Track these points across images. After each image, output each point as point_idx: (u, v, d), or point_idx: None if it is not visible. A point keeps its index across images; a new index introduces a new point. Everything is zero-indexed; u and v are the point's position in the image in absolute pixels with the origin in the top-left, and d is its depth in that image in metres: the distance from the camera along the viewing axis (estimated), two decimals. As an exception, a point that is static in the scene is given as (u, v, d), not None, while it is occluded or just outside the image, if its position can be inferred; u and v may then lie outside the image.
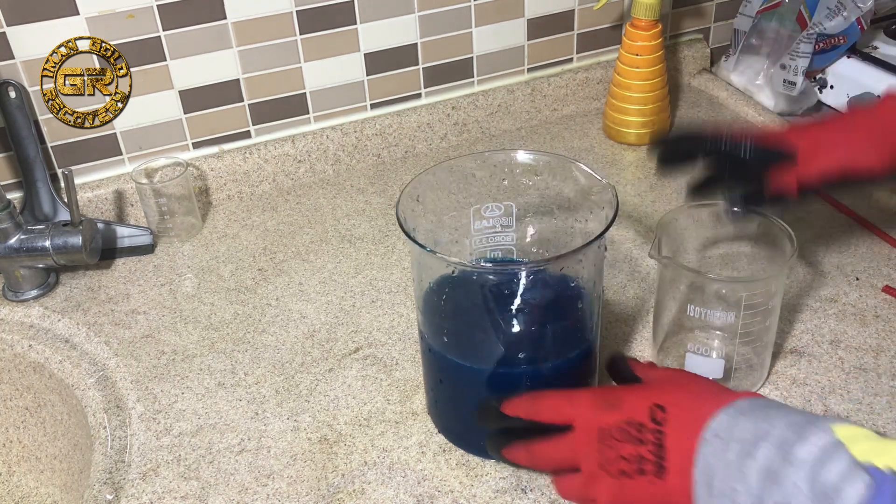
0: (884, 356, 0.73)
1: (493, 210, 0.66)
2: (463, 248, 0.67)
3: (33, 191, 0.91)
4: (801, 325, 0.77)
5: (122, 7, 0.89)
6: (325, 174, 1.04)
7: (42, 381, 0.81)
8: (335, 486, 0.65)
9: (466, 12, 1.04)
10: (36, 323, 0.84)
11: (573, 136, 1.10)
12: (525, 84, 1.11)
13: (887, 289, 0.80)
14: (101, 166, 0.96)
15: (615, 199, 0.60)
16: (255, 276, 0.88)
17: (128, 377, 0.76)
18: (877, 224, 0.88)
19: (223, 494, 0.65)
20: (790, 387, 0.71)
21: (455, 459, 0.66)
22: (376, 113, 1.06)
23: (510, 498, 0.63)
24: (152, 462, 0.68)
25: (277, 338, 0.80)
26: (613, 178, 1.01)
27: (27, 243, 0.83)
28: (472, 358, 0.63)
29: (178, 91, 0.95)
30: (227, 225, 0.97)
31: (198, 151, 1.00)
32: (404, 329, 0.80)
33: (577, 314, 0.63)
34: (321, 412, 0.71)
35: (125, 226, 0.92)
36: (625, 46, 1.04)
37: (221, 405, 0.73)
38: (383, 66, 1.04)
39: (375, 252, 0.91)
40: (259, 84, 0.99)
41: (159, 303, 0.85)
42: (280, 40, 0.97)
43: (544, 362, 0.62)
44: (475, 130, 1.10)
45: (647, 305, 0.81)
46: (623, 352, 0.76)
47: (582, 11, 1.10)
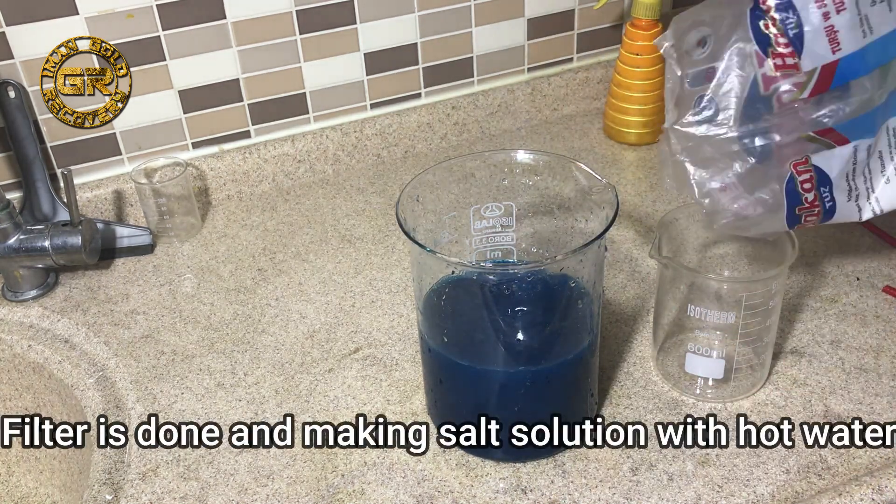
0: (884, 356, 0.73)
1: (493, 210, 0.66)
2: (463, 248, 0.67)
3: (33, 191, 0.91)
4: (802, 325, 0.77)
5: (122, 7, 0.89)
6: (325, 174, 1.04)
7: (42, 382, 0.81)
8: (335, 487, 0.65)
9: (466, 12, 1.04)
10: (35, 323, 0.84)
11: (573, 136, 1.10)
12: (525, 84, 1.11)
13: (888, 289, 0.80)
14: (101, 166, 0.96)
15: (615, 199, 0.59)
16: (254, 277, 0.88)
17: (127, 377, 0.76)
18: (877, 224, 0.88)
19: (223, 495, 0.65)
20: (790, 387, 0.71)
21: (455, 460, 0.66)
22: (376, 113, 1.06)
23: (510, 498, 0.63)
24: (152, 462, 0.68)
25: (277, 338, 0.80)
26: (613, 178, 1.00)
27: (26, 243, 0.83)
28: (472, 358, 0.62)
29: (178, 91, 0.95)
30: (227, 225, 0.97)
31: (197, 151, 1.00)
32: (404, 329, 0.80)
33: (577, 314, 0.63)
34: (321, 412, 0.71)
35: (124, 226, 0.92)
36: (625, 46, 1.04)
37: (221, 405, 0.73)
38: (383, 65, 1.04)
39: (375, 252, 0.91)
40: (259, 84, 0.99)
41: (159, 303, 0.85)
42: (280, 40, 0.97)
43: (544, 362, 0.62)
44: (475, 130, 1.10)
45: (647, 305, 0.81)
46: (623, 351, 0.76)
47: (582, 11, 1.10)
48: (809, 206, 0.63)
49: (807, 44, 0.59)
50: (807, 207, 0.63)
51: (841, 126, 0.62)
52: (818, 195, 0.63)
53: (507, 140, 1.10)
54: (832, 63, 0.60)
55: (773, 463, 0.64)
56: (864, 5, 0.59)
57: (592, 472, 0.65)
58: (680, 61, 0.64)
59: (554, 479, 0.64)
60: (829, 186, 0.62)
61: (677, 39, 0.64)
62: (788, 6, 0.59)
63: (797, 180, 0.62)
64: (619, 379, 0.73)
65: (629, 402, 0.71)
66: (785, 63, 0.60)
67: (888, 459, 0.64)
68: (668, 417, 0.69)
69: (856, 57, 0.60)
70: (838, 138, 0.62)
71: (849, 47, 0.59)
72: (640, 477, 0.64)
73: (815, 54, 0.59)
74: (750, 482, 0.63)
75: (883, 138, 0.62)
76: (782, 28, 0.59)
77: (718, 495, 0.62)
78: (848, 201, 0.63)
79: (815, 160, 0.62)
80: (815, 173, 0.62)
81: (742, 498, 0.62)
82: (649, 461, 0.65)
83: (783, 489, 0.62)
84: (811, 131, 0.62)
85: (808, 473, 0.64)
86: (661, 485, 0.63)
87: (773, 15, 0.59)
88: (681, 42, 0.64)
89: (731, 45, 0.62)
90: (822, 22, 0.59)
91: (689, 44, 0.64)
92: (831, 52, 0.59)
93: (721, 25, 0.62)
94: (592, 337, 0.64)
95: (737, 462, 0.65)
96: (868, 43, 0.60)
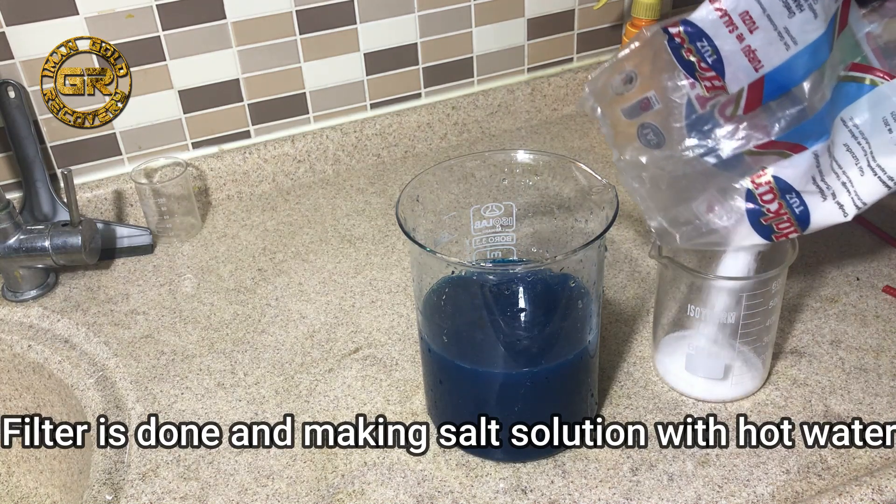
0: (884, 356, 0.73)
1: (493, 210, 0.66)
2: (463, 248, 0.67)
3: (33, 191, 0.91)
4: (802, 325, 0.77)
5: (122, 7, 0.89)
6: (325, 174, 1.04)
7: (41, 382, 0.81)
8: (335, 487, 0.65)
9: (466, 12, 1.04)
10: (35, 323, 0.84)
11: (573, 136, 1.10)
12: (525, 84, 1.11)
13: (888, 289, 0.80)
14: (101, 166, 0.96)
15: (615, 199, 0.60)
16: (254, 277, 0.88)
17: (127, 377, 0.76)
18: (877, 224, 0.88)
19: (223, 495, 0.65)
20: (790, 387, 0.71)
21: (455, 460, 0.66)
22: (376, 113, 1.06)
23: (510, 498, 0.63)
24: (152, 462, 0.68)
25: (277, 338, 0.80)
26: (613, 178, 1.00)
27: (26, 243, 0.83)
28: (472, 358, 0.62)
29: (178, 91, 0.95)
30: (227, 225, 0.97)
31: (197, 151, 1.00)
32: (404, 329, 0.80)
33: (577, 314, 0.63)
34: (321, 412, 0.71)
35: (124, 226, 0.92)
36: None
37: (221, 405, 0.73)
38: (383, 65, 1.04)
39: (375, 252, 0.91)
40: (259, 84, 0.99)
41: (159, 303, 0.85)
42: (280, 40, 0.97)
43: (544, 362, 0.62)
44: (475, 130, 1.10)
45: (647, 305, 0.81)
46: (623, 351, 0.76)
47: (582, 11, 1.10)
48: (775, 215, 0.63)
49: (727, 67, 0.60)
50: (773, 217, 0.63)
51: (790, 135, 0.62)
52: (784, 203, 0.63)
53: (507, 140, 1.10)
54: (758, 80, 0.60)
55: (773, 463, 0.64)
56: (781, 19, 0.59)
57: (592, 472, 0.65)
58: (606, 111, 0.66)
59: (554, 480, 0.64)
60: (794, 193, 0.63)
61: (597, 96, 0.65)
62: (701, 35, 0.59)
63: (755, 193, 0.63)
64: (619, 379, 0.73)
65: (629, 402, 0.71)
66: (714, 85, 0.61)
67: (888, 459, 0.64)
68: (668, 417, 0.69)
69: (782, 69, 0.60)
70: (791, 146, 0.63)
71: (772, 62, 0.60)
72: (640, 477, 0.64)
73: (737, 75, 0.60)
74: (750, 482, 0.63)
75: (842, 131, 0.62)
76: (699, 56, 0.60)
77: (718, 495, 0.62)
78: (824, 201, 0.63)
79: (772, 170, 0.63)
80: (776, 182, 0.63)
81: (742, 498, 0.62)
82: (649, 461, 0.65)
83: (783, 489, 0.62)
84: (753, 146, 0.63)
85: (808, 473, 0.64)
86: (661, 485, 0.63)
87: (687, 46, 0.60)
88: (603, 94, 0.65)
89: (657, 76, 0.63)
90: (738, 44, 0.59)
91: (616, 87, 0.65)
92: (754, 70, 0.60)
93: (643, 64, 0.63)
94: (592, 337, 0.64)
95: (737, 462, 0.65)
96: (794, 54, 0.60)
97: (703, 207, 0.66)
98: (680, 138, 0.64)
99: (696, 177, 0.65)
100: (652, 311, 0.78)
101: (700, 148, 0.64)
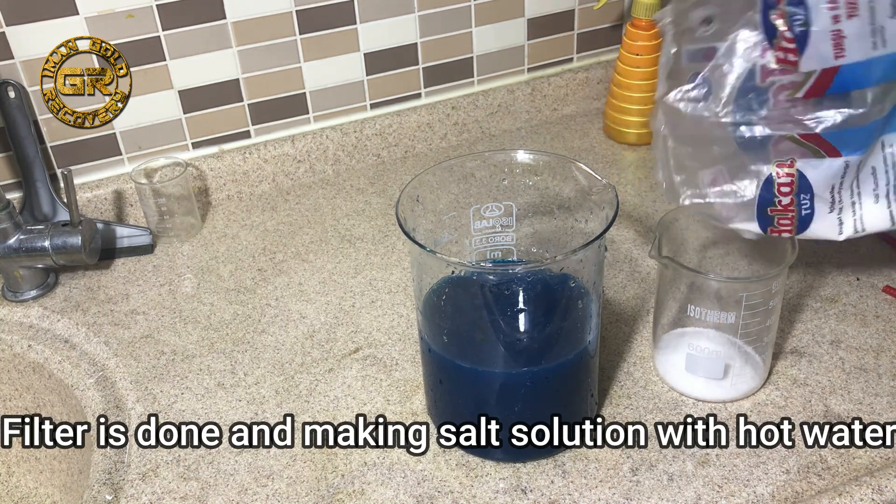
0: (884, 356, 0.73)
1: (493, 210, 0.66)
2: (463, 248, 0.67)
3: (33, 191, 0.91)
4: (802, 325, 0.77)
5: (122, 7, 0.89)
6: (325, 174, 1.04)
7: (41, 382, 0.81)
8: (335, 487, 0.65)
9: (466, 12, 1.04)
10: (35, 323, 0.84)
11: (573, 136, 1.10)
12: (525, 84, 1.11)
13: (888, 289, 0.80)
14: (101, 166, 0.96)
15: (615, 199, 0.59)
16: (254, 277, 0.88)
17: (127, 377, 0.76)
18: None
19: (223, 495, 0.65)
20: (791, 387, 0.71)
21: (455, 460, 0.66)
22: (376, 113, 1.06)
23: (510, 498, 0.63)
24: (152, 462, 0.68)
25: (277, 338, 0.80)
26: (613, 178, 1.01)
27: (26, 243, 0.83)
28: (472, 358, 0.62)
29: (178, 91, 0.95)
30: (227, 225, 0.97)
31: (197, 151, 1.00)
32: (404, 329, 0.80)
33: (577, 314, 0.63)
34: (321, 412, 0.71)
35: (124, 226, 0.92)
36: (625, 46, 1.04)
37: (221, 405, 0.73)
38: (383, 65, 1.04)
39: (375, 252, 0.91)
40: (259, 84, 0.99)
41: (159, 303, 0.85)
42: (280, 40, 0.97)
43: (544, 362, 0.62)
44: (475, 130, 1.10)
45: (647, 305, 0.81)
46: (623, 351, 0.76)
47: (582, 11, 1.10)
48: (783, 209, 0.62)
49: (810, 44, 0.57)
50: (779, 210, 0.62)
51: (832, 135, 0.60)
52: (795, 200, 0.61)
53: (507, 140, 1.10)
54: (832, 68, 0.58)
55: (773, 463, 0.64)
56: (882, 16, 0.56)
57: (592, 472, 0.65)
58: (677, 37, 0.63)
59: (554, 480, 0.64)
60: (810, 195, 0.61)
61: (676, 16, 0.63)
62: (800, 1, 0.56)
63: (775, 181, 0.61)
64: (619, 379, 0.73)
65: (629, 402, 0.71)
66: (786, 58, 0.58)
67: (888, 459, 0.64)
68: (668, 417, 0.69)
69: (860, 67, 0.58)
70: (829, 148, 0.60)
71: (854, 56, 0.57)
72: (640, 477, 0.64)
73: (816, 56, 0.57)
74: (750, 482, 0.63)
75: (877, 154, 0.60)
76: (789, 22, 0.57)
77: (718, 495, 0.62)
78: (829, 212, 0.61)
79: (800, 165, 0.61)
80: (798, 179, 0.61)
81: (742, 498, 0.62)
82: (649, 461, 0.65)
83: (783, 489, 0.62)
84: (797, 133, 0.60)
85: (808, 473, 0.64)
86: (661, 485, 0.63)
87: (783, 7, 0.57)
88: (681, 18, 0.62)
89: (737, 29, 0.59)
90: (831, 24, 0.56)
91: (693, 20, 0.62)
92: (833, 56, 0.57)
93: (731, 6, 0.60)
94: (592, 337, 0.64)
95: (737, 462, 0.65)
96: (878, 55, 0.57)
97: (708, 179, 0.64)
98: (726, 100, 0.60)
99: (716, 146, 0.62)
100: (652, 311, 0.78)
101: (740, 115, 0.60)
